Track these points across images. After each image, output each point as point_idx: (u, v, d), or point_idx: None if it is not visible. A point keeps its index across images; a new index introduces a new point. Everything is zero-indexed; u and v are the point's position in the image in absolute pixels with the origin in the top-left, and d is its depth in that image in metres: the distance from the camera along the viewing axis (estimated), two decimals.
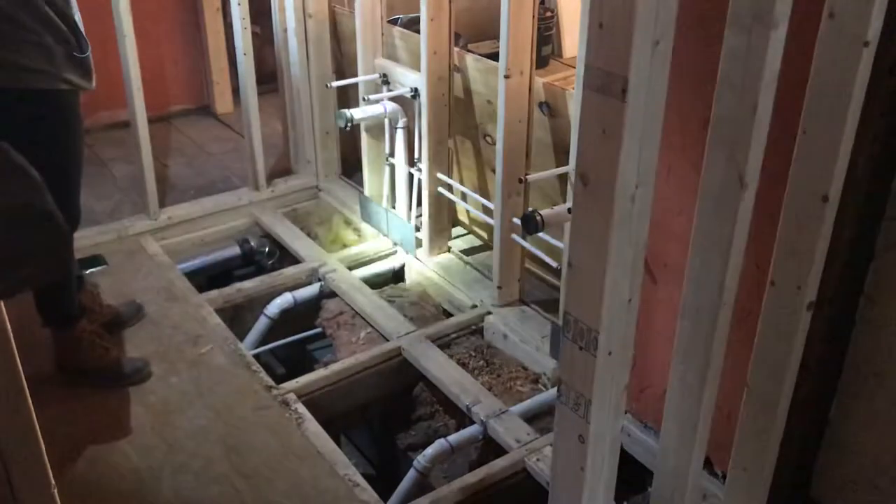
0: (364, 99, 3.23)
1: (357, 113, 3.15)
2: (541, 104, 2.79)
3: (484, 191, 3.20)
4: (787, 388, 1.91)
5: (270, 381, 2.69)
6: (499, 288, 2.98)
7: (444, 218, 3.27)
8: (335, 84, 3.42)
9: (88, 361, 2.60)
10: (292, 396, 2.63)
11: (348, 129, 3.22)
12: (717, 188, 1.55)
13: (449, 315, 3.16)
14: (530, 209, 2.41)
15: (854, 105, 1.57)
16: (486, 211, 3.00)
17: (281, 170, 3.98)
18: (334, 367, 2.81)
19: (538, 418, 2.63)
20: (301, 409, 2.58)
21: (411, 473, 2.51)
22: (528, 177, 2.61)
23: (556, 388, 2.75)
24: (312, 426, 2.51)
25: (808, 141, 1.69)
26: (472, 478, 2.36)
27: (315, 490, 2.28)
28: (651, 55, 1.25)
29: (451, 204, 3.22)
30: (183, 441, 2.43)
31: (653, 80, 1.28)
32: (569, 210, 2.39)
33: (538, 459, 2.40)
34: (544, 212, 2.38)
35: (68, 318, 2.56)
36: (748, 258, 1.99)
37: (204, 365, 2.74)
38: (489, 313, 3.01)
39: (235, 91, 4.31)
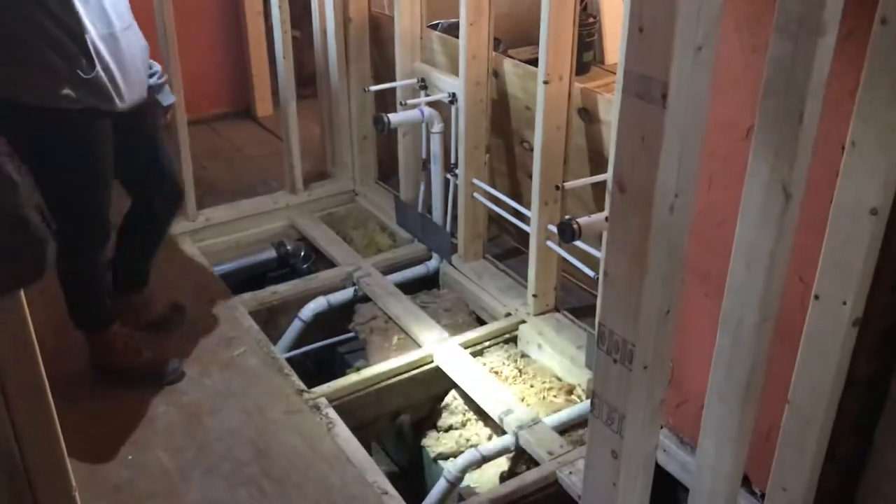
0: (402, 104, 3.21)
1: (394, 117, 3.13)
2: (579, 110, 2.75)
3: (520, 197, 3.17)
4: (830, 406, 1.85)
5: (302, 385, 2.68)
6: (534, 296, 2.94)
7: (479, 224, 3.24)
8: (373, 88, 3.41)
9: (121, 363, 2.61)
10: (323, 401, 2.62)
11: (385, 133, 3.20)
12: (760, 198, 1.50)
13: (482, 322, 3.13)
14: (567, 217, 2.37)
15: None
16: (522, 218, 2.97)
17: (318, 173, 3.98)
18: (366, 372, 2.79)
19: (572, 430, 2.59)
20: (332, 413, 2.56)
21: (441, 483, 2.48)
22: (565, 184, 2.57)
23: (590, 400, 2.71)
24: (343, 431, 2.50)
25: (858, 151, 1.64)
26: (503, 489, 2.32)
27: (343, 496, 2.26)
28: (693, 60, 1.21)
29: (487, 210, 3.18)
30: (213, 443, 2.43)
31: (694, 86, 1.24)
32: (606, 218, 2.35)
33: (570, 472, 2.36)
34: (581, 220, 2.34)
35: (98, 321, 2.58)
36: (791, 271, 1.93)
37: (237, 367, 2.74)
38: (523, 322, 2.97)
39: (276, 94, 4.33)
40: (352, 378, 2.76)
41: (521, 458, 2.54)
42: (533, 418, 2.54)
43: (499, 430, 2.62)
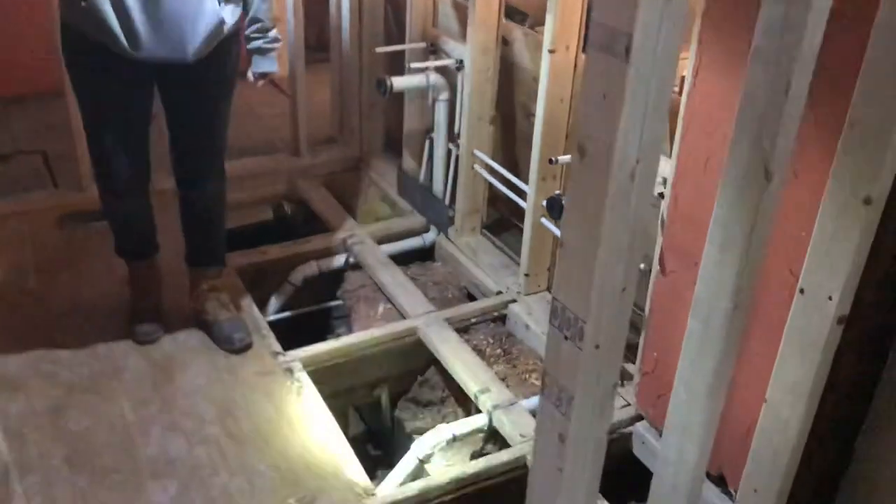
0: (408, 68, 3.11)
1: (398, 81, 3.04)
2: None
3: (522, 173, 3.06)
4: (809, 408, 1.74)
5: (278, 348, 2.62)
6: (526, 275, 2.84)
7: (478, 198, 3.14)
8: (381, 50, 3.32)
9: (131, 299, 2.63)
10: (298, 365, 2.55)
11: (386, 96, 3.11)
12: (739, 177, 1.38)
13: (472, 299, 3.04)
14: (558, 192, 2.27)
15: None
16: (521, 193, 2.86)
17: (326, 138, 3.91)
18: (345, 339, 2.72)
19: None
20: (304, 378, 2.49)
21: (410, 458, 2.40)
22: (559, 158, 2.46)
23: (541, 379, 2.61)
24: (313, 397, 2.43)
25: (855, 135, 1.52)
26: (468, 468, 2.24)
27: (302, 461, 2.19)
28: (661, 12, 1.11)
29: (487, 184, 3.08)
30: (179, 399, 2.38)
31: (662, 40, 1.13)
32: None
33: None
34: None
35: (120, 251, 2.59)
36: (781, 263, 1.81)
37: None
38: (514, 301, 2.88)
39: None
40: (330, 344, 2.68)
41: (494, 438, 2.45)
42: (510, 399, 2.45)
43: (474, 408, 2.54)
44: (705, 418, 1.60)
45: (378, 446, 3.03)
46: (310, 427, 2.31)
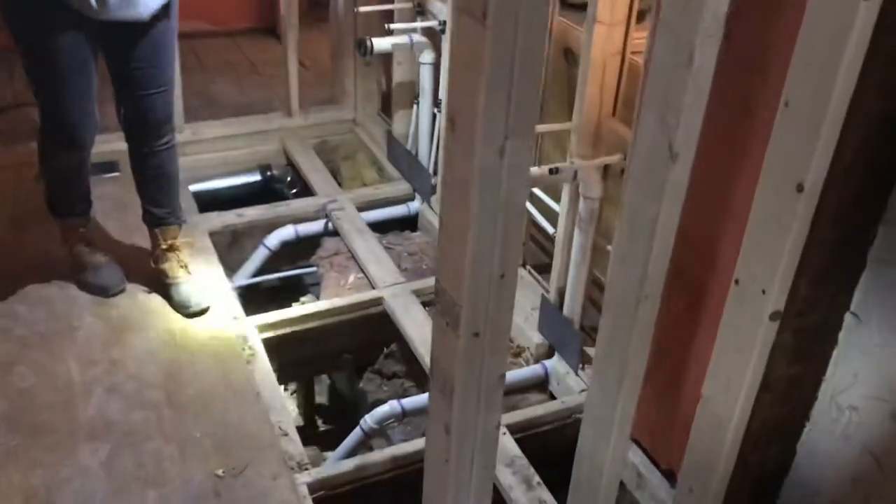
0: (388, 29, 3.00)
1: (378, 42, 2.93)
2: (564, 50, 2.49)
3: None
4: (743, 407, 1.62)
5: (238, 313, 2.57)
6: None
7: None
8: (364, 9, 3.20)
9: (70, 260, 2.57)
10: (254, 332, 2.50)
11: (367, 58, 3.00)
12: (645, 158, 1.27)
13: None
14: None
15: (846, 73, 1.26)
16: None
17: (322, 99, 3.82)
18: (308, 307, 2.67)
19: (505, 396, 2.40)
20: (258, 345, 2.44)
21: (356, 432, 2.34)
22: None
23: (535, 366, 2.52)
24: (262, 365, 2.38)
25: (789, 116, 1.38)
26: (408, 447, 2.17)
27: (238, 433, 2.15)
28: None
29: None
30: (127, 360, 2.35)
31: (526, 2, 1.01)
32: (550, 170, 2.13)
33: None
34: (533, 169, 2.11)
35: (52, 209, 2.54)
36: (729, 255, 1.69)
37: None
38: None
39: (304, 12, 4.16)
40: (292, 312, 2.63)
41: None
42: None
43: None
44: (619, 414, 1.50)
45: (343, 418, 2.98)
46: (252, 397, 2.26)
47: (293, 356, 2.60)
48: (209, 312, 2.54)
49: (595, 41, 2.04)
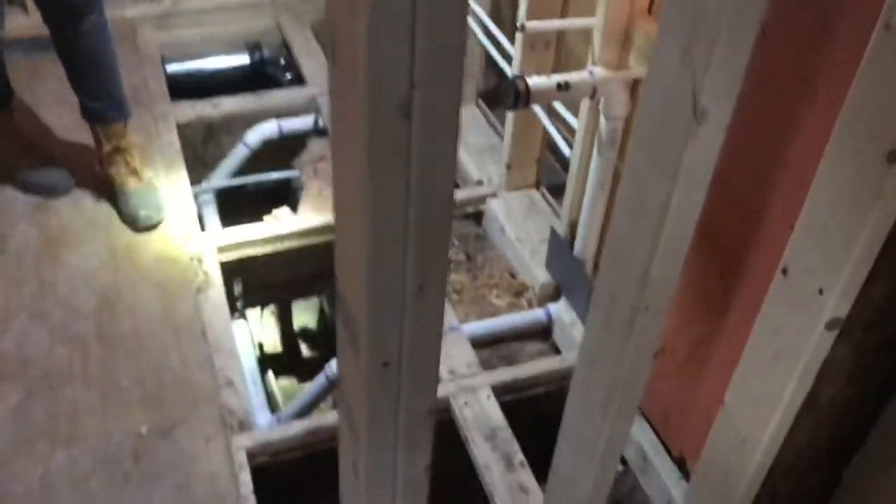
0: None
1: None
2: None
3: None
4: (777, 429, 1.23)
5: (195, 229, 2.21)
6: (507, 167, 2.31)
7: (474, 63, 2.57)
8: None
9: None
10: (212, 252, 2.14)
11: None
12: (657, 109, 0.83)
13: (456, 186, 2.53)
14: (517, 75, 1.71)
15: None
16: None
17: None
18: (273, 226, 2.29)
19: (495, 345, 2.05)
20: (213, 270, 2.09)
21: (319, 379, 2.01)
22: (527, 24, 1.86)
23: (537, 310, 2.14)
24: (215, 294, 2.03)
25: (879, 60, 0.92)
26: None
27: (175, 378, 1.83)
28: None
29: (484, 49, 2.49)
30: (58, 283, 2.02)
31: None
32: (558, 85, 1.67)
33: (466, 403, 1.84)
34: (533, 80, 1.66)
35: None
36: (781, 220, 1.26)
37: None
38: (494, 195, 2.36)
39: None
40: (257, 230, 2.25)
41: None
42: (450, 322, 2.00)
43: None
44: (604, 442, 1.12)
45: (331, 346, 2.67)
46: (197, 336, 1.93)
47: (259, 280, 2.26)
48: (161, 228, 2.18)
49: None
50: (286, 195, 2.72)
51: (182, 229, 2.19)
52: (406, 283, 0.79)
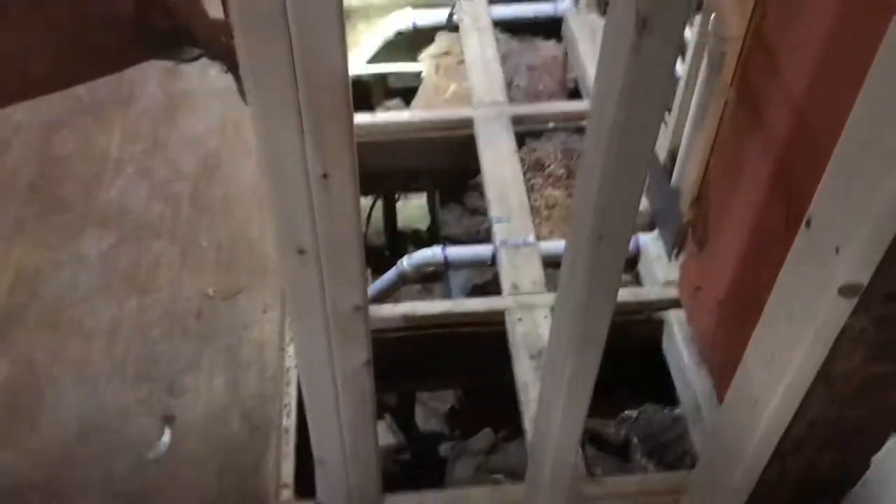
0: None
1: None
2: None
3: None
4: (785, 397, 1.11)
5: None
6: None
7: None
8: None
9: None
10: None
11: None
12: (615, 19, 0.73)
13: (577, 97, 2.42)
14: None
15: None
16: None
17: None
18: (388, 115, 2.29)
19: None
20: None
21: (393, 271, 2.03)
22: None
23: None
24: None
25: None
26: (423, 307, 1.83)
27: (250, 249, 1.91)
28: None
29: None
30: (169, 143, 2.15)
31: None
32: None
33: (520, 320, 1.80)
34: None
35: None
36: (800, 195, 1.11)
37: None
38: None
39: None
40: (367, 117, 2.27)
41: (494, 278, 2.00)
42: (526, 238, 1.95)
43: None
44: (572, 392, 1.05)
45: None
46: None
47: (361, 170, 2.28)
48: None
49: None
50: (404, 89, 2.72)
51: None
52: (308, 169, 0.76)
